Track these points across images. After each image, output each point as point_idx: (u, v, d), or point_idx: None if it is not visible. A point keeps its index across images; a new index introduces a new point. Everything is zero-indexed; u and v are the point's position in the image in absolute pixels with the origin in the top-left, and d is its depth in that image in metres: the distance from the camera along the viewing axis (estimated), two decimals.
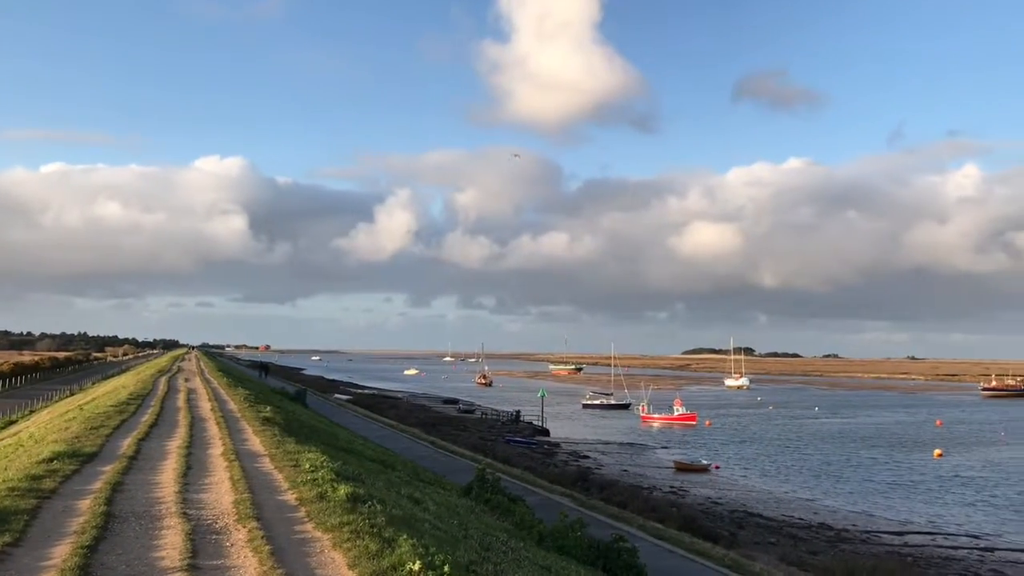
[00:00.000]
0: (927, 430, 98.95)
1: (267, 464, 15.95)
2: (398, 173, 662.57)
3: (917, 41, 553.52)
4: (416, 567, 7.95)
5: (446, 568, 8.05)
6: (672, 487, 51.19)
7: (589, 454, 66.84)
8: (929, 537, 40.37)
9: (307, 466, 14.73)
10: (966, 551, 37.42)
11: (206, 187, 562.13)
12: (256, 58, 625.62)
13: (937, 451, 75.04)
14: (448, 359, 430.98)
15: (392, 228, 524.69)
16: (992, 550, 37.86)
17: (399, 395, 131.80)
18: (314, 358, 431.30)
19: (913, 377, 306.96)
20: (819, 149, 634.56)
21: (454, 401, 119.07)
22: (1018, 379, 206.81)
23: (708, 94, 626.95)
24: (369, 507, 11.22)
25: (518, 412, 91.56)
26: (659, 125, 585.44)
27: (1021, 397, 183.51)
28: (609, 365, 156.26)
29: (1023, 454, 76.16)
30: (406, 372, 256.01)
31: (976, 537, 40.73)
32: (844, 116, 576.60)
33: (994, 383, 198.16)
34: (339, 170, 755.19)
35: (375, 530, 9.78)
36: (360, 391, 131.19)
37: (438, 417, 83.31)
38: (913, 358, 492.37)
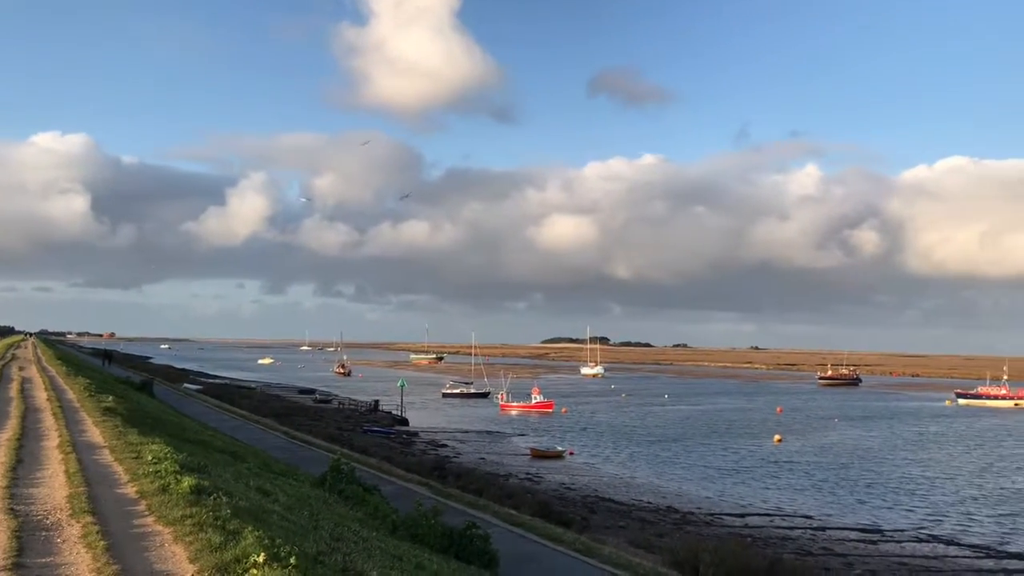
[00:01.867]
0: (768, 417, 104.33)
1: (107, 456, 15.24)
2: (252, 155, 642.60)
3: (761, 42, 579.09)
4: (261, 559, 7.77)
5: (292, 559, 7.90)
6: (528, 474, 52.00)
7: (447, 443, 67.08)
8: (767, 518, 42.61)
9: (150, 458, 14.15)
10: (800, 531, 39.71)
11: (44, 164, 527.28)
12: (103, 31, 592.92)
13: (777, 437, 79.22)
14: (305, 348, 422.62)
15: (245, 212, 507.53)
16: (823, 529, 40.32)
17: (253, 385, 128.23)
18: (163, 346, 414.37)
19: (756, 366, 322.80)
20: (672, 146, 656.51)
21: (311, 391, 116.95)
22: (851, 368, 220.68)
23: (565, 88, 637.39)
24: (214, 499, 10.89)
25: (376, 402, 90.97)
26: (518, 116, 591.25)
27: (853, 385, 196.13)
28: (470, 354, 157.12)
29: (853, 439, 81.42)
30: (261, 361, 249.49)
31: (809, 517, 43.26)
32: (693, 114, 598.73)
33: (830, 372, 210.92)
34: (190, 151, 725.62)
35: (219, 523, 9.50)
36: (211, 381, 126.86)
37: (293, 407, 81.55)
38: (757, 348, 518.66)
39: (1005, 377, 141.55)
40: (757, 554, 26.98)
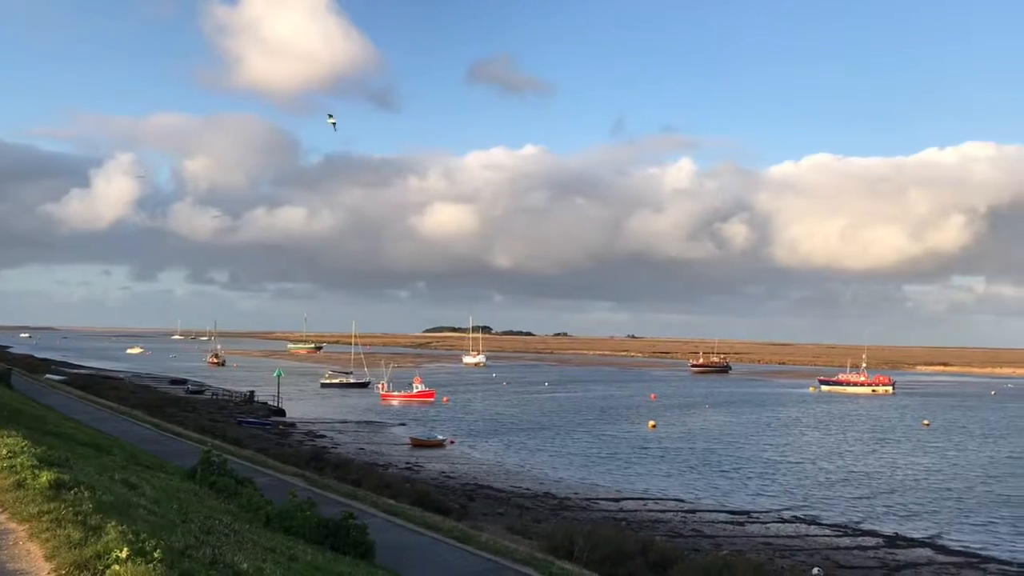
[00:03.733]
0: (643, 403, 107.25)
1: None
2: (119, 136, 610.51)
3: (637, 36, 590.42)
4: (124, 554, 7.51)
5: (157, 554, 7.67)
6: (408, 463, 51.89)
7: (326, 433, 66.21)
8: (641, 502, 43.85)
9: (4, 452, 13.43)
10: (672, 513, 41.04)
11: None
12: None
13: (651, 422, 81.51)
14: (177, 337, 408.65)
15: (112, 195, 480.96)
16: (694, 512, 41.79)
17: (121, 375, 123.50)
18: (23, 335, 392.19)
19: (633, 354, 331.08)
20: (553, 137, 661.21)
21: (183, 381, 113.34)
22: (722, 356, 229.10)
23: (445, 75, 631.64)
24: (75, 494, 10.44)
25: (252, 392, 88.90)
26: (398, 102, 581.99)
27: (724, 373, 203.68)
28: (350, 344, 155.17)
29: (723, 424, 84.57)
30: (130, 351, 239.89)
31: (681, 501, 44.75)
32: (572, 106, 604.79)
33: (701, 360, 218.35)
34: (52, 129, 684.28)
35: (80, 518, 9.12)
36: (76, 371, 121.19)
37: (164, 398, 78.87)
38: (633, 336, 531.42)
39: (864, 365, 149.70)
40: (630, 537, 27.73)
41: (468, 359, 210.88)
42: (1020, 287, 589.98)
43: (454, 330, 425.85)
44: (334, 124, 76.99)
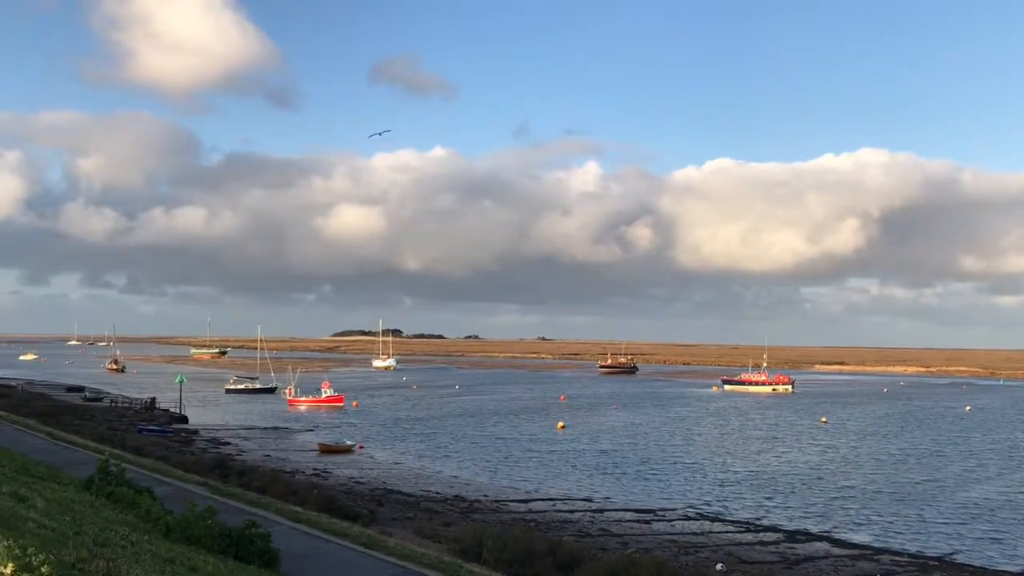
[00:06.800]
0: (552, 404, 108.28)
1: None
2: (5, 133, 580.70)
3: (540, 38, 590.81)
4: (8, 570, 7.23)
5: (44, 569, 7.41)
6: (316, 470, 51.15)
7: (231, 440, 64.77)
8: (550, 503, 44.24)
9: None
10: (581, 513, 41.54)
11: None
12: None
13: (560, 423, 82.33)
14: (74, 343, 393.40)
15: None
16: (602, 511, 42.37)
17: (13, 382, 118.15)
18: None
19: (543, 356, 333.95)
20: (460, 139, 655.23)
21: (80, 388, 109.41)
22: (629, 357, 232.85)
23: (345, 74, 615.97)
24: None
25: (153, 399, 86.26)
26: (298, 101, 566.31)
27: (631, 373, 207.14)
28: (256, 348, 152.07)
29: (629, 424, 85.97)
30: (22, 357, 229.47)
31: (589, 500, 45.33)
32: (477, 108, 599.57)
33: (609, 361, 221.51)
34: None
35: None
36: None
37: (60, 406, 75.81)
38: (544, 339, 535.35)
39: (765, 364, 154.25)
40: (539, 538, 27.95)
41: (378, 363, 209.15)
42: (911, 289, 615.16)
43: (364, 334, 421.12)
44: (380, 134, 75.46)
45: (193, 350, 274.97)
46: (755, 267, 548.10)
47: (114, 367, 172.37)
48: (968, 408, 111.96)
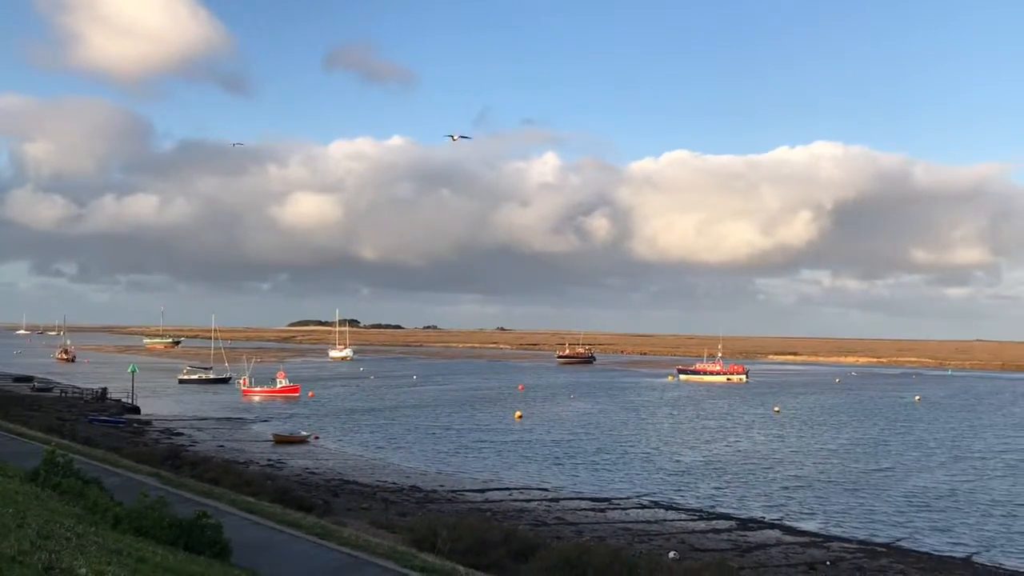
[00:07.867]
0: (510, 394, 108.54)
1: None
2: None
3: (498, 28, 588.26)
4: None
5: None
6: (270, 460, 50.79)
7: (183, 431, 64.05)
8: (507, 492, 44.37)
9: None
10: (537, 502, 41.72)
11: None
12: None
13: (518, 413, 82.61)
14: (22, 332, 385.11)
15: None
16: (557, 500, 42.60)
17: None
18: None
19: (502, 347, 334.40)
20: (418, 128, 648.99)
21: (28, 379, 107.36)
22: (587, 348, 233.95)
23: (300, 60, 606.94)
24: None
25: (104, 389, 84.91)
26: (252, 88, 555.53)
27: (589, 363, 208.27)
28: (210, 338, 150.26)
29: (586, 413, 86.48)
30: None
31: (545, 489, 45.54)
32: (435, 96, 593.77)
33: (567, 351, 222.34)
34: None
35: None
36: None
37: (7, 397, 74.38)
38: (503, 329, 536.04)
39: (719, 354, 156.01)
40: (494, 527, 28.04)
41: (335, 353, 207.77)
42: (862, 280, 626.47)
43: (320, 324, 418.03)
44: (454, 138, 74.83)
45: (146, 340, 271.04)
46: (710, 258, 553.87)
47: (64, 357, 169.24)
48: (918, 398, 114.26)
